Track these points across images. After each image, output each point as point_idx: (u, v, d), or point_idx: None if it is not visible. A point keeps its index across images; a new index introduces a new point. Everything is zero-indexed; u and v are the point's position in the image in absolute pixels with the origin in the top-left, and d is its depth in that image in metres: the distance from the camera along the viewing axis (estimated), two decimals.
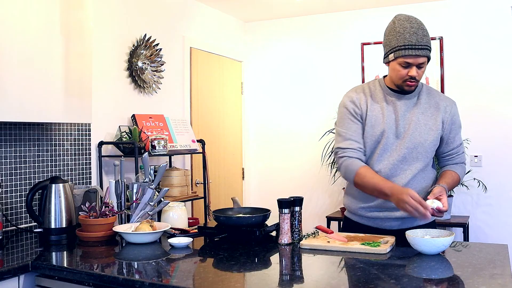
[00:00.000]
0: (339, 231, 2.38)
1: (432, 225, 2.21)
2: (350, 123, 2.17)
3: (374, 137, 2.13)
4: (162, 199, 2.40)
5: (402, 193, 1.93)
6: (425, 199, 1.99)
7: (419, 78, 2.07)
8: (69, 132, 2.92)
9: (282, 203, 2.06)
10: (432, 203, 1.94)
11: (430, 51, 2.04)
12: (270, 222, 2.23)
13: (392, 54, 2.06)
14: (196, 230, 2.28)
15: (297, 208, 2.11)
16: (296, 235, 2.10)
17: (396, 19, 2.07)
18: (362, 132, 2.16)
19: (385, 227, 2.17)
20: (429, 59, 2.06)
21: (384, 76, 2.23)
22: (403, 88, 2.11)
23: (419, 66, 2.04)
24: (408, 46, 2.00)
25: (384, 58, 2.13)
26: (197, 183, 4.14)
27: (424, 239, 1.82)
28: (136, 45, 3.46)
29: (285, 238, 2.05)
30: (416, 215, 1.91)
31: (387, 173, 2.10)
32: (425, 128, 2.11)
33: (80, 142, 3.00)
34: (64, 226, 2.28)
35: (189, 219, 2.50)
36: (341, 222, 2.44)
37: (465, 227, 3.89)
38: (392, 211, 2.13)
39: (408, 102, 2.14)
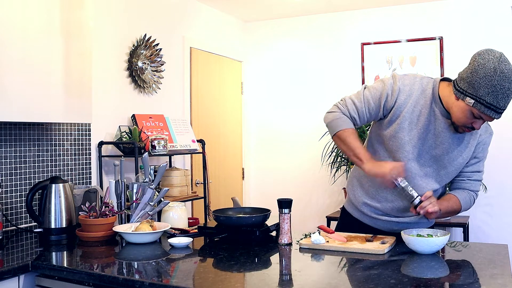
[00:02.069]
0: (337, 227, 2.35)
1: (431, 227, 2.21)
2: (372, 100, 2.03)
3: (400, 140, 2.00)
4: (162, 199, 2.40)
5: (386, 162, 1.95)
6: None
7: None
8: (69, 132, 2.92)
9: (282, 203, 2.06)
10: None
11: None
12: (270, 222, 2.23)
13: (473, 101, 1.82)
14: (196, 230, 2.28)
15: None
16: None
17: (500, 68, 1.77)
18: (373, 117, 2.06)
19: (385, 229, 2.16)
20: None
21: (442, 79, 2.01)
22: (457, 129, 1.95)
23: (485, 121, 1.90)
24: (493, 108, 1.80)
25: (458, 91, 1.87)
26: (197, 183, 4.14)
27: (418, 239, 1.82)
28: (136, 45, 3.46)
29: (285, 238, 2.05)
30: (388, 177, 1.92)
31: None
32: (456, 153, 2.00)
33: (80, 142, 3.00)
34: (64, 226, 2.28)
35: (189, 219, 2.50)
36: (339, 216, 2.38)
37: (465, 227, 3.89)
38: (396, 217, 2.12)
39: (450, 122, 1.97)
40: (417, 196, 1.93)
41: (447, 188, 2.21)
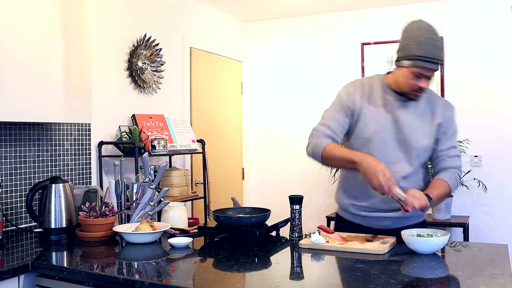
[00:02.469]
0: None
1: (423, 225, 2.21)
2: (336, 113, 2.17)
3: (366, 135, 2.11)
4: (162, 199, 2.40)
5: (380, 164, 1.92)
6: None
7: (426, 89, 2.06)
8: (69, 132, 2.92)
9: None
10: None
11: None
12: (270, 222, 2.24)
13: (410, 62, 1.98)
14: (196, 230, 2.28)
15: (296, 207, 2.14)
16: (296, 234, 2.13)
17: (417, 26, 1.99)
18: (347, 127, 2.16)
19: (377, 226, 2.17)
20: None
21: (388, 73, 2.17)
22: (409, 97, 2.08)
23: (429, 77, 2.02)
24: (428, 59, 1.95)
25: (396, 61, 2.06)
26: (197, 183, 4.14)
27: (418, 239, 1.82)
28: (136, 45, 3.47)
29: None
30: (383, 190, 1.90)
31: None
32: (420, 133, 2.09)
33: (80, 142, 3.00)
34: (64, 226, 2.28)
35: (189, 219, 2.50)
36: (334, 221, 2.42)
37: (465, 227, 3.89)
38: (384, 212, 2.14)
39: (406, 105, 2.11)
40: (402, 195, 1.94)
41: (430, 174, 2.22)
